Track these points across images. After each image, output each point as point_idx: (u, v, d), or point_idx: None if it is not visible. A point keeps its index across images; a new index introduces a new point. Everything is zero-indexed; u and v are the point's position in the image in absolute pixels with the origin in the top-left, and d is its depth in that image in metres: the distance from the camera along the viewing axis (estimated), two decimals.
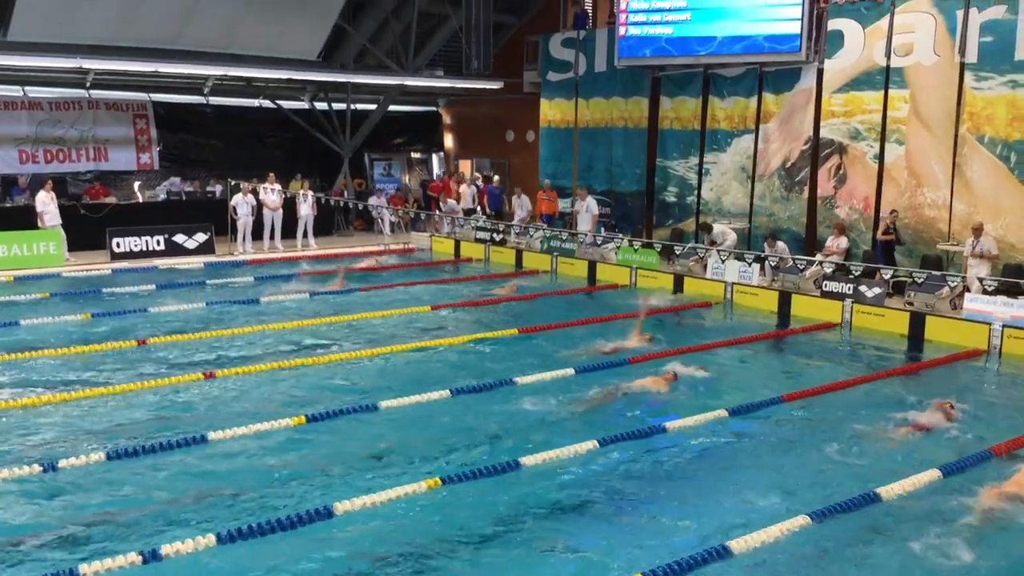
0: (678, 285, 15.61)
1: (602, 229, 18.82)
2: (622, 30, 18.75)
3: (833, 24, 16.26)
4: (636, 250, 16.76)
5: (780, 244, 15.77)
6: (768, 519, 6.23)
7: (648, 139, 19.70)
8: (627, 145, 20.13)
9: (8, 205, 18.54)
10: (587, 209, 18.72)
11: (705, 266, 15.72)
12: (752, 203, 17.67)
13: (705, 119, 18.48)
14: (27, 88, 20.24)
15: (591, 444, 7.52)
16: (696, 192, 18.62)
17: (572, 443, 7.49)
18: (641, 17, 18.39)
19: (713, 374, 10.22)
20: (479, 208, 22.33)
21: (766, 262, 15.36)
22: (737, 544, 5.79)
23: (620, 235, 17.96)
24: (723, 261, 15.30)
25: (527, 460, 7.10)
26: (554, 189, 20.63)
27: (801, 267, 14.60)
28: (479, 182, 23.39)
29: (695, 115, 18.62)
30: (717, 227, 16.84)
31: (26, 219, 17.17)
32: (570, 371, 9.98)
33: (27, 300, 13.65)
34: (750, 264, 15.01)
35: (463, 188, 22.64)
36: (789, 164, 17.15)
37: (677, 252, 16.32)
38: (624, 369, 10.27)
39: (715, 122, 18.32)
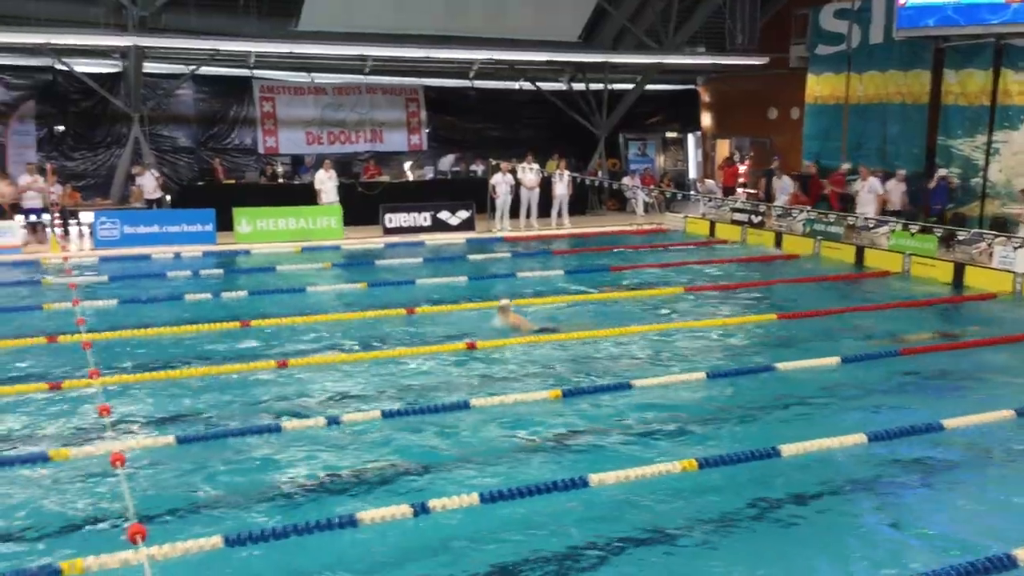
0: (957, 275, 14.30)
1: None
2: None
3: None
4: (912, 235, 15.53)
5: None
6: None
7: (929, 116, 18.18)
8: (904, 122, 18.67)
9: (296, 183, 20.37)
10: (869, 189, 17.35)
11: (991, 254, 14.29)
12: None
13: (996, 94, 16.73)
14: (313, 74, 22.10)
15: (858, 437, 7.06)
16: (982, 173, 16.94)
17: (835, 434, 7.07)
18: None
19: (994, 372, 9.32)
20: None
21: None
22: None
23: (894, 219, 16.73)
24: (1015, 249, 13.83)
25: (787, 449, 6.79)
26: None
27: None
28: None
29: (984, 89, 16.90)
30: None
31: (312, 196, 18.79)
32: (835, 360, 9.44)
33: (312, 269, 14.96)
34: None
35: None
36: None
37: (960, 239, 14.94)
38: (893, 361, 9.58)
39: (1008, 97, 16.55)
